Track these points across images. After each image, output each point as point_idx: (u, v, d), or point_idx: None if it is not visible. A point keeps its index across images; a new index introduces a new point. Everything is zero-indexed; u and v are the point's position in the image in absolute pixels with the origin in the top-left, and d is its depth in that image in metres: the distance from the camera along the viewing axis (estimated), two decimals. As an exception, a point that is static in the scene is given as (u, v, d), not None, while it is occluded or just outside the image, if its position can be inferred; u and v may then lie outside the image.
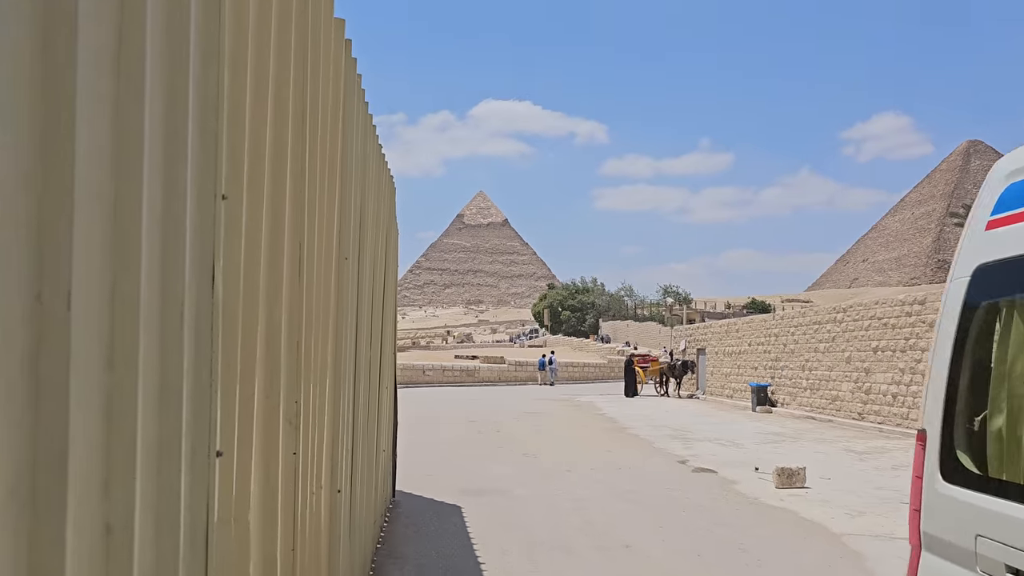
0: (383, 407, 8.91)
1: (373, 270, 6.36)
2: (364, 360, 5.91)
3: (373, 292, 6.41)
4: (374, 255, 6.38)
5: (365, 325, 5.87)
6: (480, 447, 16.48)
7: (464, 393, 36.63)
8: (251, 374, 2.44)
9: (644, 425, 22.05)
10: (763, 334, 28.50)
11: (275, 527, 2.72)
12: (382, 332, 7.74)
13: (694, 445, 17.32)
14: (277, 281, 2.67)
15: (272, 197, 2.63)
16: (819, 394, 24.05)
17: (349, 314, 4.51)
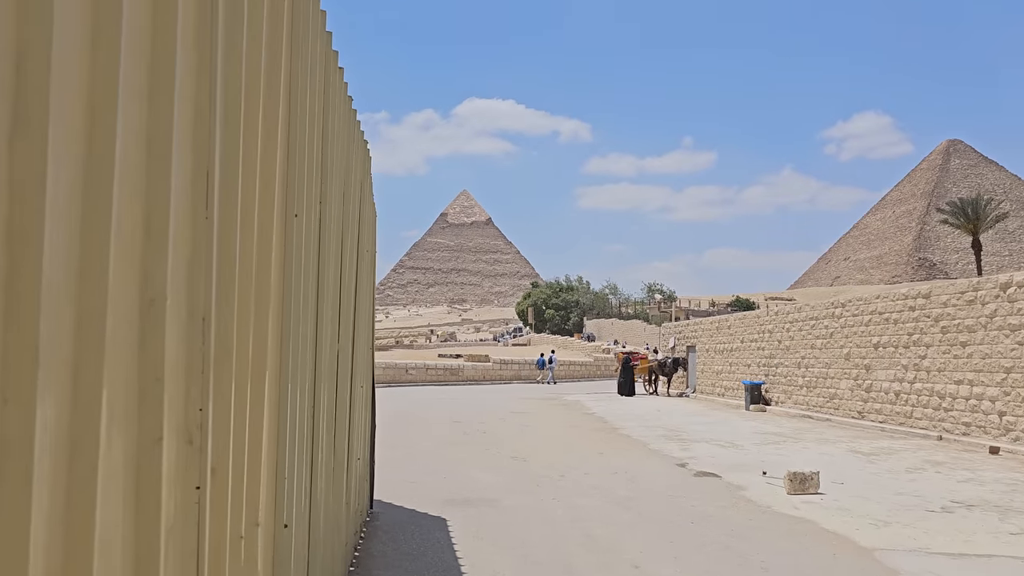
0: (356, 410, 7.94)
1: (342, 241, 5.36)
2: (329, 353, 4.96)
3: (343, 269, 5.42)
4: (342, 223, 5.39)
5: (330, 308, 4.88)
6: (466, 450, 15.51)
7: (448, 392, 35.64)
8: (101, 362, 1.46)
9: (636, 425, 21.14)
10: (756, 330, 27.65)
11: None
12: (355, 320, 6.77)
13: (691, 446, 16.41)
14: (158, 208, 1.69)
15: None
16: (816, 392, 23.22)
17: (303, 289, 3.51)
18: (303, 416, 3.71)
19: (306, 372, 3.83)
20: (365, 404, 8.56)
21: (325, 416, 4.89)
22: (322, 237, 4.21)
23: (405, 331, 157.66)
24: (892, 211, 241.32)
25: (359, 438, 7.47)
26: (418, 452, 15.08)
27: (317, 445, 4.50)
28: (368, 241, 8.17)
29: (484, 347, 79.81)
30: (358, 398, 8.08)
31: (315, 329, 4.14)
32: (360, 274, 7.81)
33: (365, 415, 8.60)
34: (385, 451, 15.22)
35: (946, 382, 17.62)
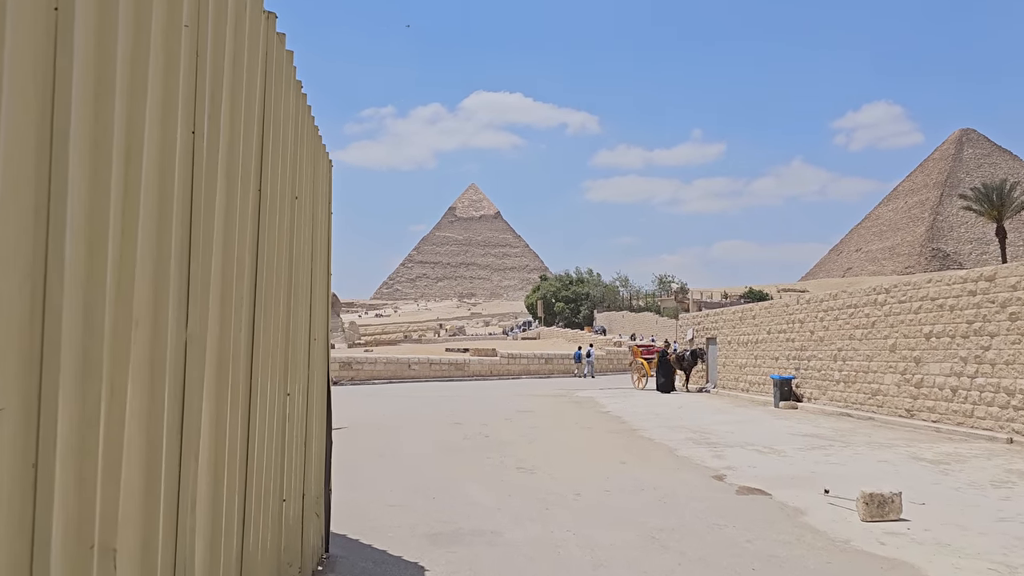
0: (311, 422, 5.80)
1: (283, 181, 3.43)
2: (266, 343, 3.53)
3: (295, 226, 3.70)
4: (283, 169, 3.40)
5: (268, 277, 3.54)
6: (464, 459, 13.34)
7: (452, 389, 33.49)
8: None
9: (657, 426, 18.94)
10: (785, 320, 25.39)
11: None
12: (292, 296, 4.68)
13: (725, 453, 14.21)
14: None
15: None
16: (855, 387, 20.97)
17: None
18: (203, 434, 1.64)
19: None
20: (319, 416, 6.39)
21: (238, 433, 2.99)
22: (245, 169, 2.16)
23: (414, 325, 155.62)
24: (904, 201, 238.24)
25: (297, 466, 5.31)
26: (408, 462, 12.92)
27: (234, 474, 2.53)
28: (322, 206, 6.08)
29: (492, 341, 77.71)
30: (314, 408, 5.93)
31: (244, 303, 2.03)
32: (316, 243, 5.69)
33: (320, 430, 6.45)
34: (370, 460, 13.09)
35: (1016, 376, 15.37)
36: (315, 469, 6.16)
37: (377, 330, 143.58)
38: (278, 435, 4.54)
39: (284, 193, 4.48)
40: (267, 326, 4.17)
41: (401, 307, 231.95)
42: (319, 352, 6.34)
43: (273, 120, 4.15)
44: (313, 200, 5.68)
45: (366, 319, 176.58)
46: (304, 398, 5.56)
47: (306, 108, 5.32)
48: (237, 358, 3.59)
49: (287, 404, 4.80)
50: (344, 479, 11.16)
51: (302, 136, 5.08)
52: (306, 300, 5.54)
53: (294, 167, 4.82)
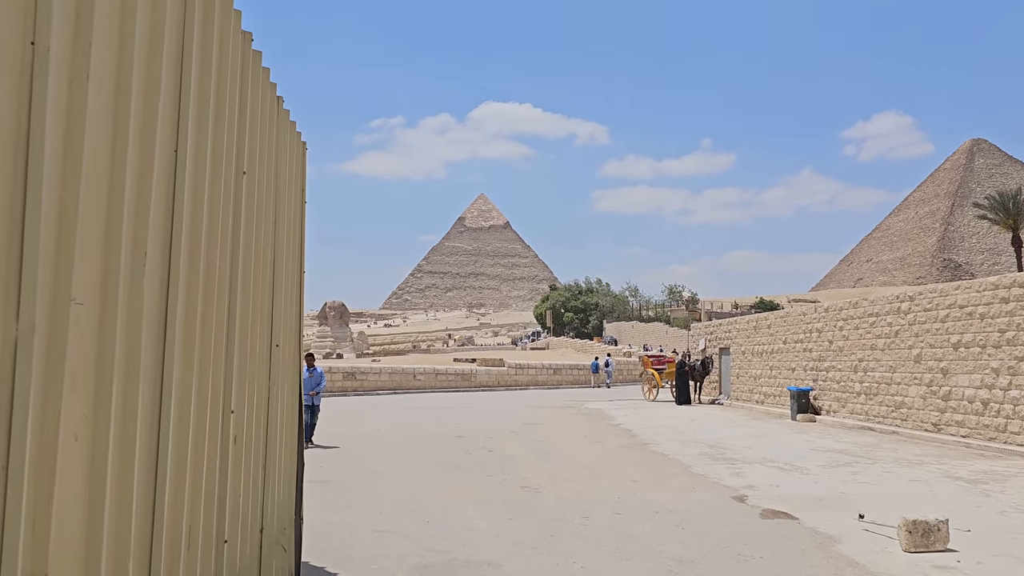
0: (273, 444, 4.95)
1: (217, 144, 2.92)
2: (187, 349, 2.99)
3: (243, 207, 3.45)
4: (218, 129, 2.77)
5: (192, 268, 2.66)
6: (465, 477, 12.45)
7: (458, 400, 32.59)
8: None
9: (670, 440, 18.02)
10: (802, 330, 24.43)
11: None
12: (239, 292, 3.84)
13: (744, 470, 13.29)
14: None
15: None
16: (877, 400, 20.00)
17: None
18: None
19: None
20: (289, 434, 5.54)
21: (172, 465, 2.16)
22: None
23: (423, 335, 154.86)
24: (915, 212, 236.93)
25: (250, 497, 4.45)
26: (403, 480, 12.04)
27: None
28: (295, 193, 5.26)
29: (501, 351, 76.84)
30: (283, 427, 5.08)
31: None
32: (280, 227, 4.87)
33: (289, 451, 5.60)
34: (363, 478, 12.22)
35: (1053, 389, 14.41)
36: (280, 497, 5.29)
37: (386, 340, 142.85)
38: (213, 463, 3.67)
39: (221, 162, 3.62)
40: (192, 327, 3.31)
41: (410, 317, 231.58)
42: (287, 361, 5.48)
43: (199, 64, 3.30)
44: (274, 181, 4.84)
45: (375, 329, 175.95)
46: (261, 415, 4.70)
47: (261, 70, 4.48)
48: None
49: (231, 424, 3.94)
50: (331, 499, 10.29)
51: (253, 99, 4.24)
52: (264, 298, 4.68)
53: (239, 134, 3.97)
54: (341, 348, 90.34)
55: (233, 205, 3.93)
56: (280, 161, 5.01)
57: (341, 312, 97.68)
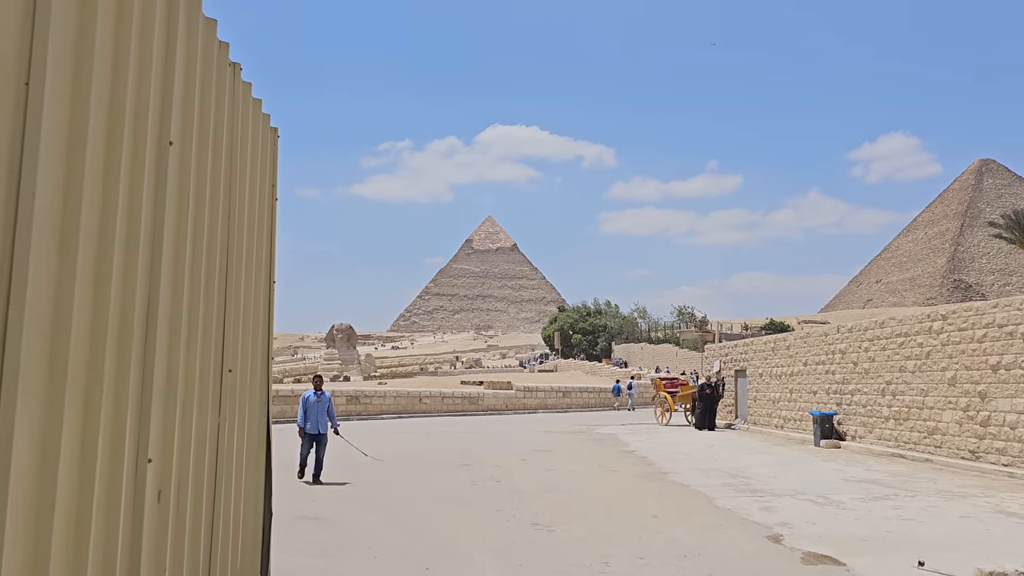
0: (222, 494, 3.94)
1: None
2: None
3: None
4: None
5: None
6: (470, 514, 11.39)
7: (465, 424, 31.49)
8: None
9: (688, 468, 16.93)
10: (824, 351, 23.34)
11: None
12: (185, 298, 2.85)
13: (774, 504, 12.20)
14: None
15: None
16: (907, 425, 18.88)
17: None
18: None
19: None
20: (219, 490, 4.51)
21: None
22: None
23: (430, 358, 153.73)
24: (924, 232, 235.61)
25: (191, 566, 3.43)
26: (402, 515, 10.99)
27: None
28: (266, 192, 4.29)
29: (509, 373, 75.75)
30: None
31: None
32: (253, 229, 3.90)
33: (243, 504, 4.59)
34: (357, 514, 11.16)
35: (1107, 414, 13.32)
36: (236, 557, 4.27)
37: (393, 362, 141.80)
38: (117, 529, 2.66)
39: (124, 115, 2.63)
40: (100, 347, 2.32)
41: (418, 339, 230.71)
42: (248, 389, 4.47)
43: None
44: (225, 164, 3.85)
45: (382, 351, 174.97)
46: (204, 459, 3.69)
47: (202, 17, 3.50)
48: None
49: (147, 476, 2.93)
50: (322, 541, 9.26)
51: (185, 46, 3.26)
52: (210, 310, 3.68)
53: (164, 88, 2.99)
54: (348, 371, 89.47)
55: (155, 183, 2.95)
56: (236, 141, 4.04)
57: (348, 334, 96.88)
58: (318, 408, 14.34)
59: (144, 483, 2.92)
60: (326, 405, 14.48)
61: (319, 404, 14.37)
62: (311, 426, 14.22)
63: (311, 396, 14.37)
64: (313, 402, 14.31)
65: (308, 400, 14.35)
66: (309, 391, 14.57)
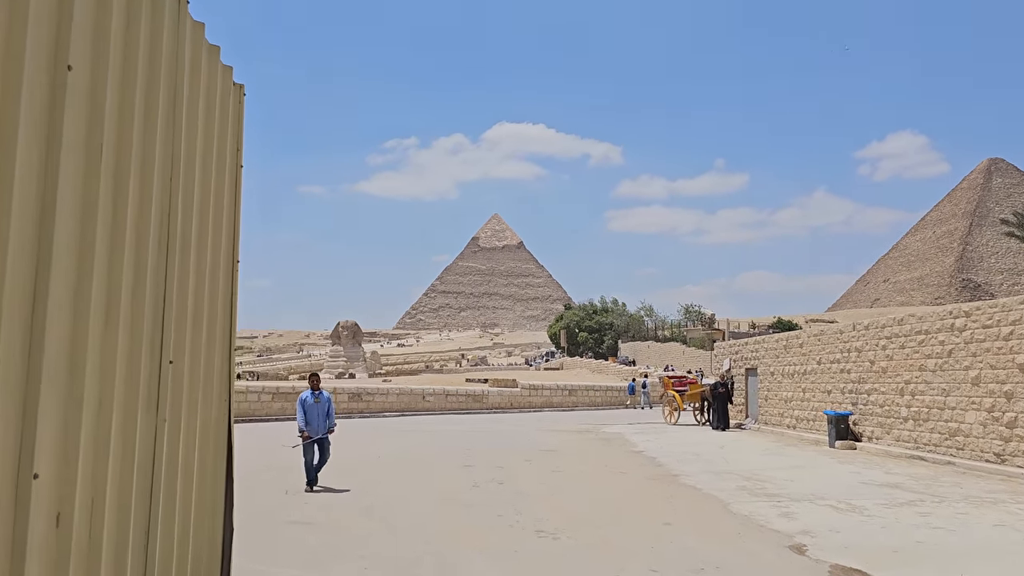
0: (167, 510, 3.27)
1: None
2: None
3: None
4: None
5: None
6: (470, 519, 10.72)
7: (468, 422, 30.83)
8: None
9: (700, 470, 16.23)
10: (839, 349, 22.60)
11: None
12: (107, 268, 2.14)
13: (793, 509, 11.50)
14: None
15: None
16: (927, 426, 18.14)
17: None
18: None
19: None
20: (156, 513, 3.83)
21: None
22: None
23: (436, 355, 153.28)
24: (932, 231, 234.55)
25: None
26: (399, 521, 10.32)
27: None
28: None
29: (514, 371, 75.11)
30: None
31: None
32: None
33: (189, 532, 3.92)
34: (351, 519, 10.49)
35: None
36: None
37: (399, 360, 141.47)
38: None
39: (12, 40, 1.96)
40: None
41: (424, 337, 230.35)
42: (202, 384, 3.79)
43: None
44: (165, 111, 3.16)
45: (388, 349, 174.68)
46: (132, 471, 3.01)
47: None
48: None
49: (29, 493, 2.25)
50: (314, 546, 8.59)
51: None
52: (142, 287, 3.00)
53: None
54: (354, 368, 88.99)
55: (48, 118, 2.27)
56: (179, 86, 3.35)
57: (354, 332, 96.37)
58: (317, 410, 13.11)
59: (29, 504, 2.24)
60: (325, 406, 13.21)
61: (318, 406, 13.12)
62: (312, 430, 13.01)
63: (308, 397, 13.11)
64: (312, 403, 13.07)
65: (306, 402, 13.08)
66: (307, 392, 13.27)
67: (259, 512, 10.77)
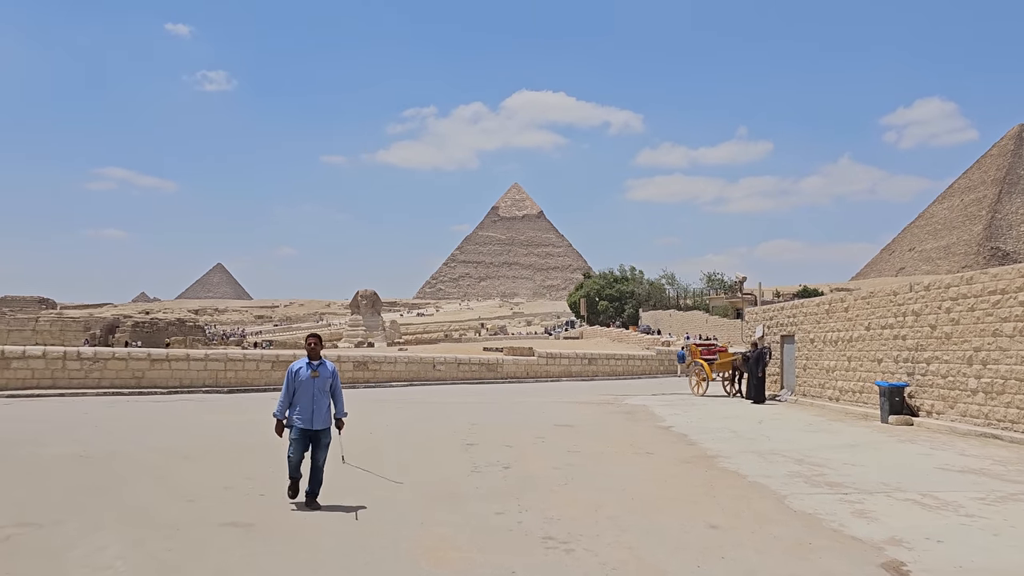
0: None
1: None
2: None
3: None
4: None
5: None
6: (463, 517, 8.45)
7: (480, 393, 28.62)
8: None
9: (741, 450, 13.92)
10: (892, 313, 20.11)
11: None
12: None
13: (868, 505, 9.16)
14: None
15: None
16: (1002, 400, 15.70)
17: None
18: None
19: None
20: None
21: None
22: None
23: (455, 324, 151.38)
24: (960, 199, 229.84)
25: None
26: (370, 524, 8.06)
27: None
28: None
29: (533, 340, 72.90)
30: None
31: None
32: None
33: None
34: (312, 519, 8.26)
35: None
36: None
37: (418, 329, 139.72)
38: None
39: None
40: None
41: (444, 307, 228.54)
42: None
43: None
44: None
45: (408, 318, 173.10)
46: None
47: None
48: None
49: None
50: (232, 564, 6.35)
51: None
52: None
53: None
54: (373, 337, 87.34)
55: None
56: None
57: (373, 301, 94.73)
58: (314, 388, 8.81)
59: None
60: (327, 382, 8.91)
61: (315, 382, 8.82)
62: (303, 418, 8.73)
63: (303, 369, 8.86)
64: (306, 377, 8.82)
65: (298, 375, 8.84)
66: (300, 361, 9.02)
67: (189, 508, 8.60)
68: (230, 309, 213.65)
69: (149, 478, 10.68)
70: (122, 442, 14.28)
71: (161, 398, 25.02)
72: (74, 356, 26.87)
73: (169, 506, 8.84)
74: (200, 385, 28.19)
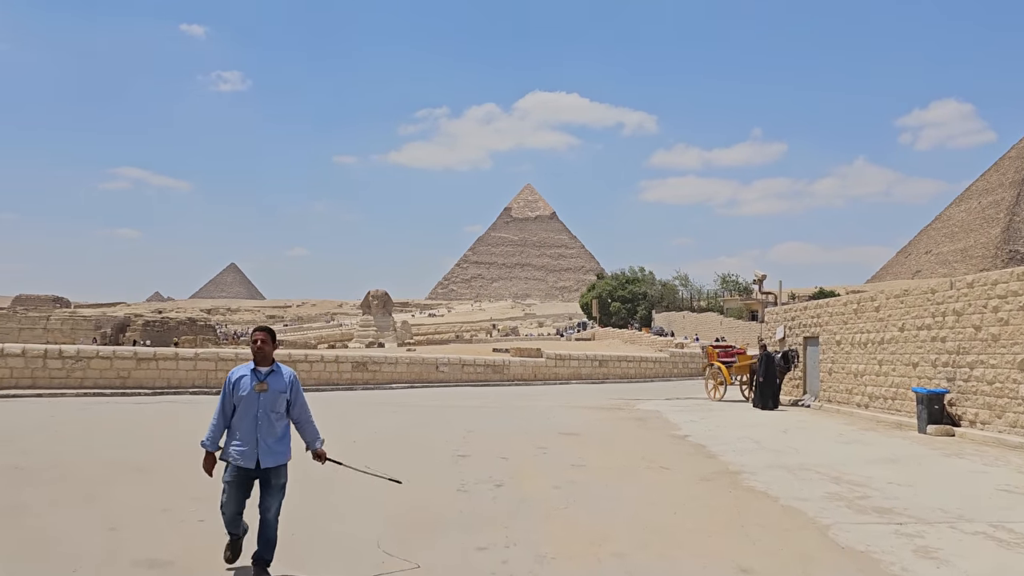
0: None
1: None
2: None
3: None
4: None
5: None
6: (438, 553, 6.87)
7: (482, 396, 27.02)
8: None
9: (767, 465, 12.29)
10: (929, 312, 18.41)
11: None
12: None
13: (929, 539, 7.54)
14: None
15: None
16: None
17: None
18: None
19: None
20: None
21: None
22: None
23: (467, 325, 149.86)
24: (978, 202, 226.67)
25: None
26: (334, 561, 6.49)
27: None
28: None
29: (544, 341, 71.25)
30: None
31: None
32: None
33: None
34: (288, 556, 6.69)
35: None
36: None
37: (430, 330, 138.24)
38: None
39: None
40: None
41: (455, 307, 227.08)
42: None
43: None
44: None
45: (419, 319, 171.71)
46: None
47: None
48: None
49: None
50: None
51: None
52: None
53: None
54: (384, 337, 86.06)
55: None
56: None
57: (384, 301, 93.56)
58: (260, 407, 6.06)
59: None
60: (281, 397, 6.15)
61: (262, 398, 6.07)
62: (243, 451, 6.02)
63: (246, 378, 6.12)
64: (249, 392, 6.07)
65: (238, 387, 6.11)
66: (243, 367, 6.22)
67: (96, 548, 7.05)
68: (242, 309, 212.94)
69: (79, 496, 9.13)
70: (72, 451, 12.76)
71: (144, 399, 23.56)
72: (55, 355, 25.46)
73: (81, 536, 7.30)
74: (189, 386, 26.75)
